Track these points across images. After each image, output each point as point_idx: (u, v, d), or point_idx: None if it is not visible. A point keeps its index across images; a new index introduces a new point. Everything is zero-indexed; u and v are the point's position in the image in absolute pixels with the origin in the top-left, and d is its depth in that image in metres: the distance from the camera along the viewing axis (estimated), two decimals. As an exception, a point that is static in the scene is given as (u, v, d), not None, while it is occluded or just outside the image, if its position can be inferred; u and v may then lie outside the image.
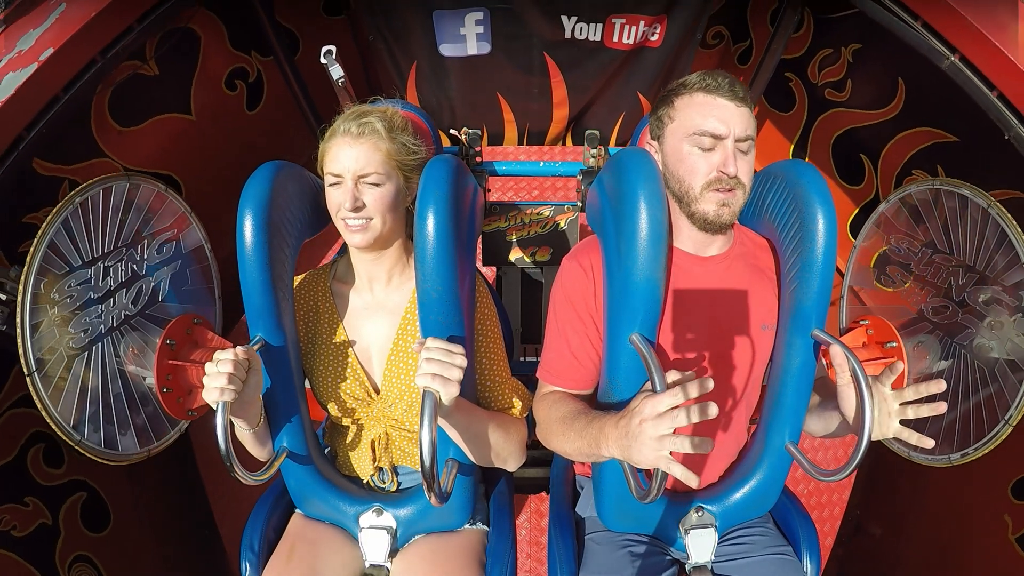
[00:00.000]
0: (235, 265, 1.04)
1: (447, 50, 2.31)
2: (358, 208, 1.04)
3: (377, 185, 1.06)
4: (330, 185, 1.07)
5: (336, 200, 1.06)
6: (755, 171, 1.08)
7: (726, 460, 1.17)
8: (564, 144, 2.77)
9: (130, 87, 1.67)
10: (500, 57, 2.34)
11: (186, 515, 2.04)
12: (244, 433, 1.08)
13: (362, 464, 1.22)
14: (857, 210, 2.08)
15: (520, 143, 2.73)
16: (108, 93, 1.62)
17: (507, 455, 1.10)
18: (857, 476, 2.08)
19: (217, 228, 1.59)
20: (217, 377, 0.93)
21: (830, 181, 2.13)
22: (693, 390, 0.79)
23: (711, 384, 0.81)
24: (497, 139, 2.72)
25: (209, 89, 2.01)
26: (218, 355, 0.96)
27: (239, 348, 0.98)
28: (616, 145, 2.71)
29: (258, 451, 1.12)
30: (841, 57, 2.02)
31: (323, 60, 1.61)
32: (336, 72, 1.62)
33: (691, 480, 0.78)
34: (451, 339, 0.98)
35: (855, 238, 1.55)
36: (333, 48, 1.60)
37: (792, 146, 2.37)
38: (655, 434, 0.77)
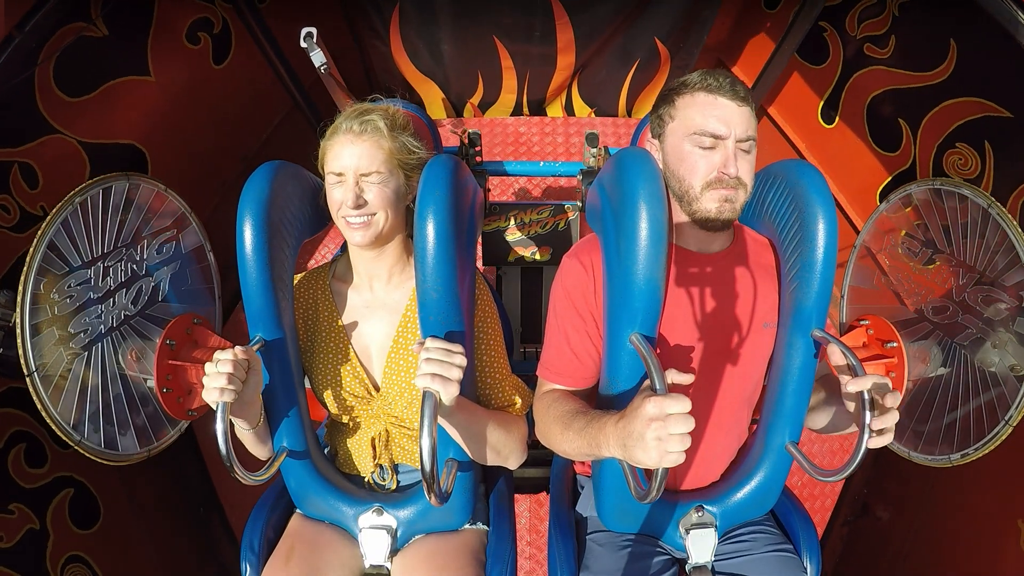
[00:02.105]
0: (235, 265, 1.04)
1: None
2: (360, 205, 1.04)
3: (379, 184, 1.06)
4: (332, 184, 1.07)
5: (338, 198, 1.06)
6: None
7: (727, 459, 1.17)
8: (568, 97, 2.52)
9: (76, 53, 1.48)
10: None
11: (186, 506, 1.97)
12: (244, 433, 1.07)
13: (362, 461, 1.22)
14: (889, 179, 1.93)
15: (519, 94, 2.48)
16: (52, 63, 1.44)
17: (508, 453, 1.10)
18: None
19: (191, 200, 1.50)
20: (217, 377, 0.93)
21: (862, 144, 1.99)
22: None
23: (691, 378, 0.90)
24: (494, 90, 2.47)
25: (168, 45, 1.80)
26: (218, 355, 0.96)
27: (239, 348, 0.98)
28: (628, 101, 2.52)
29: (258, 451, 1.12)
30: (886, 9, 1.81)
31: (303, 44, 1.47)
32: (318, 58, 1.48)
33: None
34: (451, 339, 0.98)
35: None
36: (314, 30, 1.45)
37: (821, 103, 2.18)
38: (666, 435, 0.77)
